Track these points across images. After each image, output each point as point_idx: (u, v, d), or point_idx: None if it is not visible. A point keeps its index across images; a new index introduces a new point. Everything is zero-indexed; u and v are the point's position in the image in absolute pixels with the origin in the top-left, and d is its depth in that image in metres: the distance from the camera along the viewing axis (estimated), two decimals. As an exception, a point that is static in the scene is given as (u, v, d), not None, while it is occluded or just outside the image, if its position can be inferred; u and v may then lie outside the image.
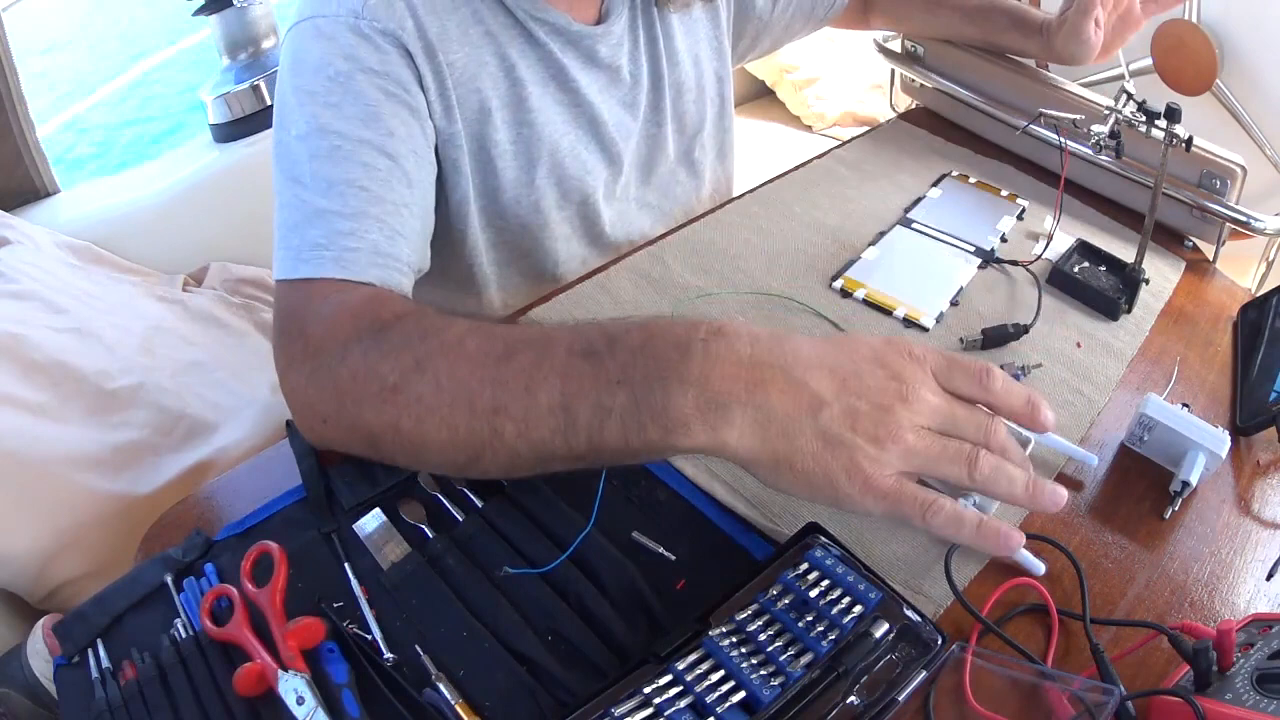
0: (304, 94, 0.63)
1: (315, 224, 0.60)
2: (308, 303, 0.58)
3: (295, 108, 0.63)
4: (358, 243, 0.59)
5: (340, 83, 0.62)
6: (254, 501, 0.60)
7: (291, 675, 0.48)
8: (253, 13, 1.46)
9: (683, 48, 0.87)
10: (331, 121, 0.62)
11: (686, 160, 0.94)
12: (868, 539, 0.57)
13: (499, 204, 0.78)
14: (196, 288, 1.33)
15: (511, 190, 0.77)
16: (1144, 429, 0.63)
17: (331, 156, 0.61)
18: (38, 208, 1.37)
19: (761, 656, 0.46)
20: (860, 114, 2.15)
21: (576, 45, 0.76)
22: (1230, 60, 1.09)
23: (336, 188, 0.60)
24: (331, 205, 0.60)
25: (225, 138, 1.47)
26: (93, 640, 0.52)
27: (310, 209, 0.60)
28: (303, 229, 0.60)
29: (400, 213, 0.63)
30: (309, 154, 0.61)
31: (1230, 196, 0.81)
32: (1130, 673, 0.49)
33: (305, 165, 0.61)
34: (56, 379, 1.02)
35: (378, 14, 0.64)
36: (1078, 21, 0.85)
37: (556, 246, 0.84)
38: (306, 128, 0.62)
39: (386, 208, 0.62)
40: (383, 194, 0.62)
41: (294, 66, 0.64)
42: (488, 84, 0.72)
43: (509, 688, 0.49)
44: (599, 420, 0.45)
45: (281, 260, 0.60)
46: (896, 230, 0.87)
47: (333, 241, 0.59)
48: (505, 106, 0.74)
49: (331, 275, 0.58)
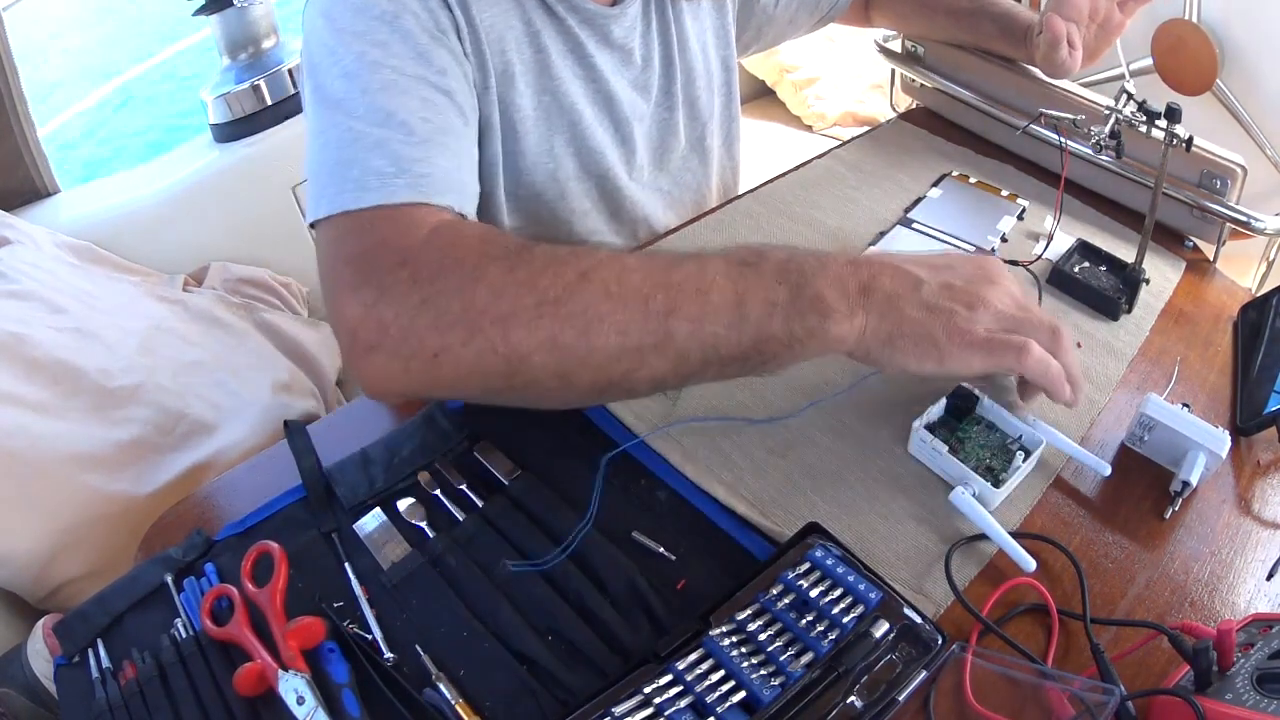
0: (348, 35, 0.61)
1: (377, 153, 0.56)
2: (395, 228, 0.54)
3: (339, 48, 0.60)
4: (430, 168, 0.57)
5: (388, 21, 0.61)
6: (254, 501, 0.60)
7: (292, 675, 0.48)
8: (253, 13, 1.46)
9: (692, 33, 0.87)
10: (383, 58, 0.60)
11: (699, 147, 0.94)
12: (868, 539, 0.57)
13: (519, 168, 0.78)
14: (197, 288, 1.33)
15: (531, 155, 0.78)
16: (1144, 429, 0.63)
17: (387, 90, 0.59)
18: (38, 207, 1.37)
19: (762, 656, 0.46)
20: (860, 114, 2.14)
21: (592, 24, 0.77)
22: (1230, 60, 1.09)
23: (396, 117, 0.58)
24: (395, 134, 0.57)
25: (225, 138, 1.47)
26: (93, 640, 0.52)
27: (369, 140, 0.57)
28: (363, 160, 0.56)
29: (462, 143, 0.63)
30: (361, 89, 0.59)
31: (1230, 196, 0.81)
32: (1130, 673, 0.49)
33: (358, 100, 0.58)
34: (57, 378, 1.02)
35: None
36: (1048, 50, 0.85)
37: (573, 219, 0.84)
38: (355, 64, 0.60)
39: (450, 138, 0.61)
40: (445, 125, 0.61)
41: (331, 11, 0.62)
42: (513, 47, 0.72)
43: (509, 688, 0.49)
44: (767, 313, 0.50)
45: (336, 194, 0.55)
46: (897, 230, 0.87)
47: (402, 168, 0.56)
48: (529, 71, 0.74)
49: (407, 200, 0.55)
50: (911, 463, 0.62)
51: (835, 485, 0.61)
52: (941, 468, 0.61)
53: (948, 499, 0.59)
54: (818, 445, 0.64)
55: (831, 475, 0.62)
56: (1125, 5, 0.86)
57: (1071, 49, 0.84)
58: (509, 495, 0.58)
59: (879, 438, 0.64)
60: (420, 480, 0.60)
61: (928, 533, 0.58)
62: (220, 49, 1.50)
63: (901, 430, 0.64)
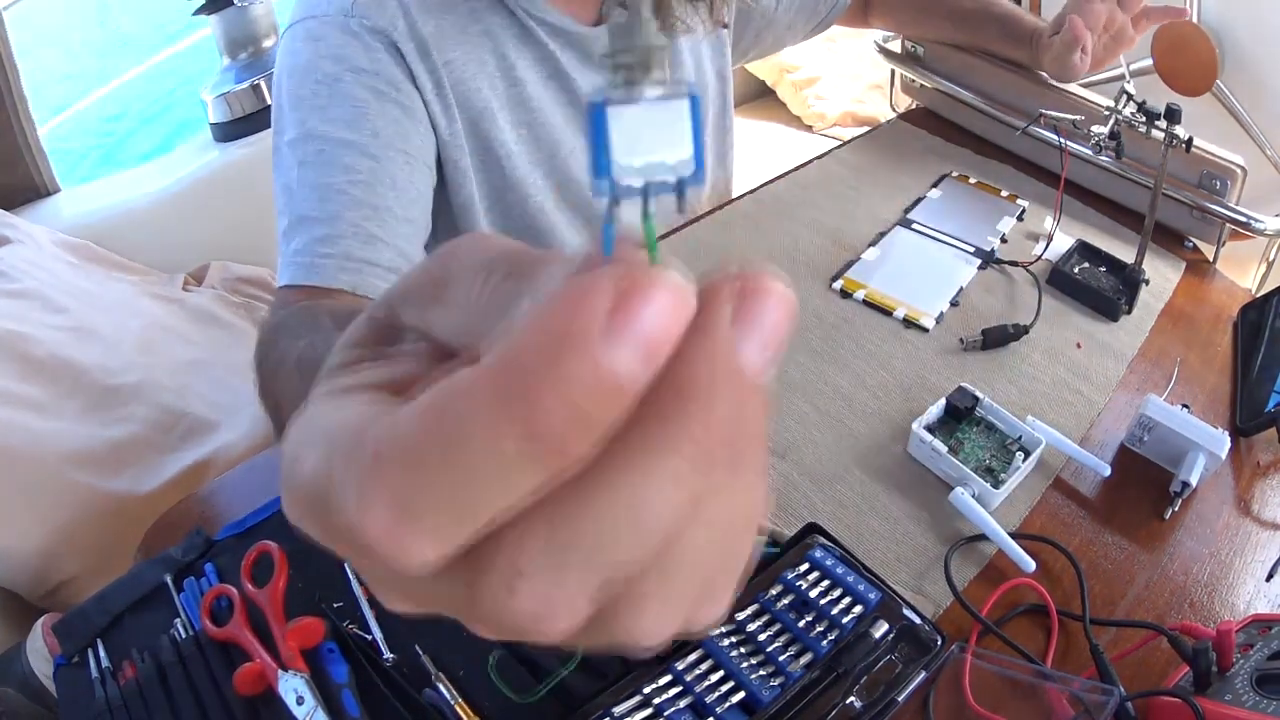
0: (294, 99, 0.64)
1: (299, 231, 0.61)
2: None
3: (287, 112, 0.64)
4: (330, 248, 0.60)
5: (327, 85, 0.63)
6: (254, 501, 0.60)
7: (291, 675, 0.48)
8: (253, 12, 1.46)
9: (684, 47, 0.86)
10: (317, 126, 0.62)
11: None
12: (868, 539, 0.57)
13: (504, 204, 0.78)
14: (196, 287, 1.33)
15: (516, 190, 0.77)
16: (1144, 430, 0.63)
17: (315, 162, 0.62)
18: (38, 206, 1.37)
19: (761, 656, 0.46)
20: (860, 114, 2.14)
21: (574, 45, 0.76)
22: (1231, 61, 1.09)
23: (317, 192, 0.61)
24: (311, 211, 0.61)
25: (225, 137, 1.47)
26: (92, 639, 0.52)
27: (295, 216, 0.61)
28: (289, 236, 0.61)
29: (380, 215, 0.63)
30: (297, 160, 0.62)
31: (1230, 197, 0.81)
32: (1130, 673, 0.49)
33: (294, 172, 0.62)
34: (56, 377, 1.02)
35: (367, 12, 0.64)
36: (1063, 52, 0.85)
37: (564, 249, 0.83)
38: (295, 133, 0.63)
39: (364, 211, 0.62)
40: (361, 197, 0.62)
41: (286, 71, 0.65)
42: (486, 84, 0.71)
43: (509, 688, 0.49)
44: None
45: (278, 267, 0.62)
46: (896, 231, 0.87)
47: (309, 248, 0.60)
48: (506, 106, 0.74)
49: (306, 283, 0.59)
50: (911, 463, 0.62)
51: (835, 485, 0.61)
52: (941, 468, 0.61)
53: (947, 499, 0.59)
54: (818, 445, 0.64)
55: (831, 475, 0.62)
56: (1139, 21, 0.86)
57: (1083, 54, 0.84)
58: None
59: (879, 438, 0.64)
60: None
61: (927, 533, 0.58)
62: (220, 48, 1.50)
63: (901, 430, 0.64)
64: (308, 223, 0.60)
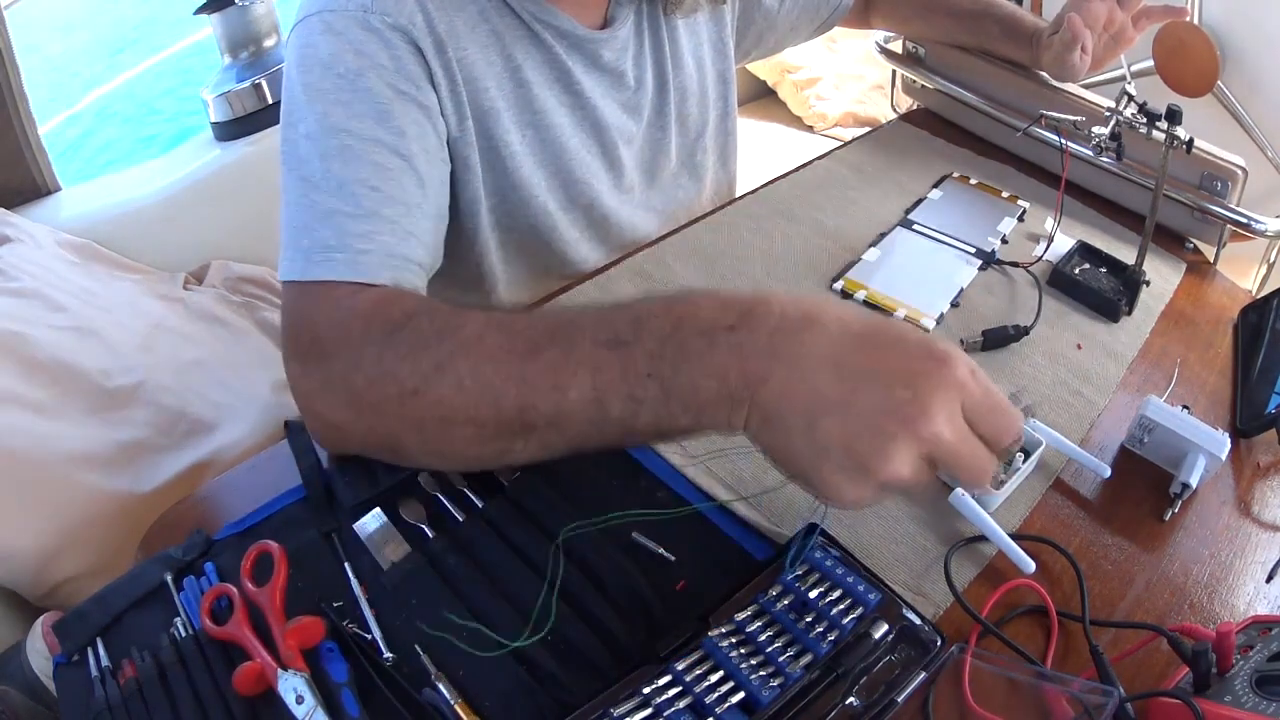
0: (313, 91, 0.62)
1: (326, 224, 0.58)
2: (319, 306, 0.57)
3: (304, 105, 0.62)
4: (370, 244, 0.59)
5: (350, 80, 0.62)
6: (254, 501, 0.60)
7: (291, 674, 0.48)
8: (254, 11, 1.46)
9: (686, 49, 0.86)
10: (342, 120, 0.61)
11: (689, 164, 0.94)
12: (867, 540, 0.57)
13: (508, 204, 0.78)
14: (197, 286, 1.33)
15: (521, 191, 0.77)
16: (1144, 431, 0.63)
17: (342, 155, 0.60)
18: (39, 205, 1.37)
19: (761, 657, 0.46)
20: (861, 115, 2.14)
21: (581, 49, 0.76)
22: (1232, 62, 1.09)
23: (348, 187, 0.60)
24: (343, 206, 0.59)
25: (226, 136, 1.47)
26: (92, 639, 0.52)
27: (321, 209, 0.59)
28: (313, 229, 0.59)
29: (412, 213, 0.62)
30: (319, 153, 0.60)
31: (1231, 198, 0.82)
32: (1129, 674, 0.49)
33: (316, 164, 0.60)
34: (57, 377, 1.02)
35: (387, 8, 0.63)
36: (1063, 51, 0.85)
37: (565, 249, 0.84)
38: (316, 126, 0.61)
39: (399, 209, 0.61)
40: (395, 194, 0.61)
41: (302, 62, 0.63)
42: (494, 84, 0.71)
43: (509, 688, 0.49)
44: (631, 410, 0.45)
45: (290, 261, 0.59)
46: (897, 231, 0.87)
47: (344, 243, 0.58)
48: (512, 107, 0.74)
49: (344, 278, 0.57)
50: (911, 464, 0.62)
51: (835, 486, 0.61)
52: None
53: (947, 500, 0.59)
54: (817, 446, 0.64)
55: (831, 476, 0.62)
56: (1138, 20, 0.86)
57: (1083, 53, 0.84)
58: (509, 496, 0.58)
59: (879, 439, 0.64)
60: (421, 480, 0.60)
61: (927, 534, 0.58)
62: (221, 48, 1.50)
63: (901, 431, 0.63)
64: (339, 217, 0.59)
